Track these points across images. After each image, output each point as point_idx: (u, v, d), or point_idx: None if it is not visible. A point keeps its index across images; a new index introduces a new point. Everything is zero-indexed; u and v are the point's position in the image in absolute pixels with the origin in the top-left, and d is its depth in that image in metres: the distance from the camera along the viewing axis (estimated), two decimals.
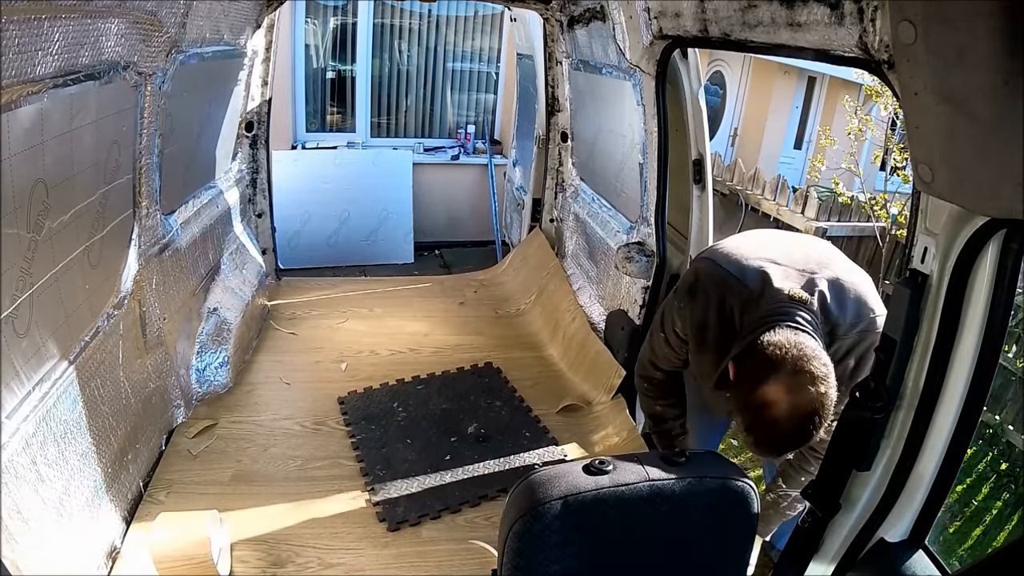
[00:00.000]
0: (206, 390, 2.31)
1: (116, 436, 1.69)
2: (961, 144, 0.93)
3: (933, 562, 1.30)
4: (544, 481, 0.91)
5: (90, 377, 1.55)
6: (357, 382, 2.62)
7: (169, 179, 2.05)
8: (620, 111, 2.57)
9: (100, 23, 1.42)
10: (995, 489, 3.31)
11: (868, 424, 1.30)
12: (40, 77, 1.22)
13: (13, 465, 1.22)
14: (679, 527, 0.96)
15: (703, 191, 2.30)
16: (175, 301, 2.13)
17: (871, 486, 1.36)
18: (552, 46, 3.39)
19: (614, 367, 2.53)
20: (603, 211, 2.93)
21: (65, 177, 1.40)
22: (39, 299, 1.33)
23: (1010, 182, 0.87)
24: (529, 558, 0.90)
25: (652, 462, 0.94)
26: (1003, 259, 1.13)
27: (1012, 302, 1.16)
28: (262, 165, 3.23)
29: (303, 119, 5.25)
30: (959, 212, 1.13)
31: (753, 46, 1.62)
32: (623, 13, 2.25)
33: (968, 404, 1.22)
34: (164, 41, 1.78)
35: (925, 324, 1.24)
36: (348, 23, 5.22)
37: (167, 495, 1.90)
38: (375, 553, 1.79)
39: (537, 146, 3.79)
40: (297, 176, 4.77)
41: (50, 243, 1.36)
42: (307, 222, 4.76)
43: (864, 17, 1.17)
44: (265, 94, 3.11)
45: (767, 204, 5.00)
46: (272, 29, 2.94)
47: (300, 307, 3.24)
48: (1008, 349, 3.24)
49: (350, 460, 2.16)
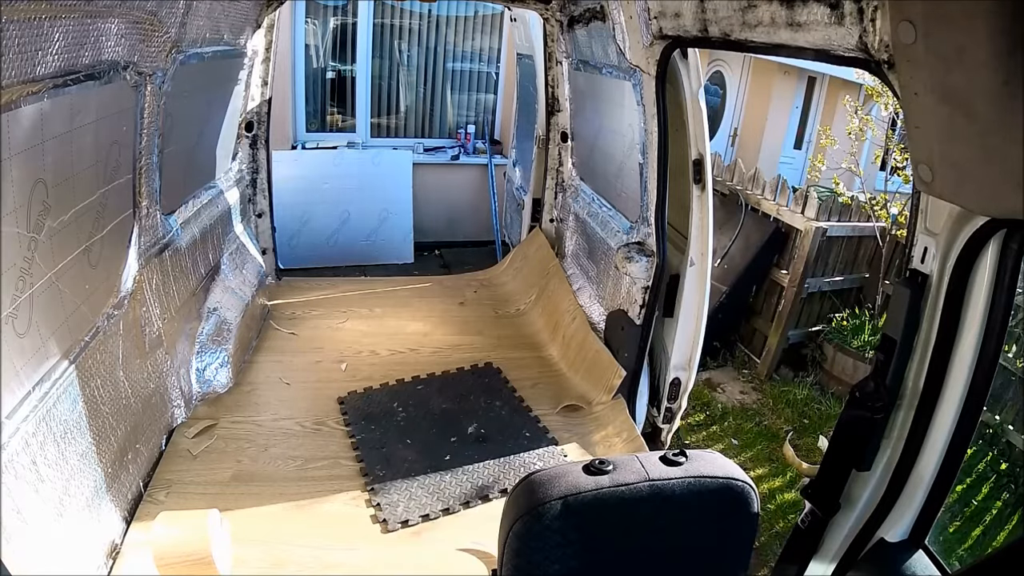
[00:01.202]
0: (206, 390, 2.31)
1: (116, 436, 1.69)
2: (961, 144, 0.93)
3: (933, 562, 1.30)
4: (544, 481, 0.90)
5: (90, 377, 1.54)
6: (357, 382, 2.63)
7: (169, 179, 2.05)
8: (620, 111, 2.56)
9: (100, 23, 1.42)
10: (995, 489, 3.30)
11: (868, 424, 1.30)
12: (40, 77, 1.22)
13: (13, 465, 1.22)
14: (679, 527, 0.96)
15: (703, 191, 2.30)
16: (175, 301, 2.12)
17: (871, 486, 1.36)
18: (552, 46, 3.39)
19: (614, 367, 2.53)
20: (603, 211, 2.93)
21: (65, 177, 1.40)
22: (39, 299, 1.33)
23: (1010, 182, 0.87)
24: (529, 558, 0.90)
25: (652, 462, 0.94)
26: (1003, 259, 1.13)
27: (1012, 302, 1.16)
28: (262, 165, 3.23)
29: (303, 119, 5.25)
30: (959, 212, 1.13)
31: (753, 46, 1.61)
32: (623, 13, 2.25)
33: (968, 404, 1.22)
34: (164, 41, 1.78)
35: (925, 324, 1.24)
36: (348, 23, 5.23)
37: (167, 495, 1.90)
38: (375, 553, 1.79)
39: (537, 146, 3.79)
40: (297, 176, 4.77)
41: (50, 243, 1.36)
42: (307, 222, 4.76)
43: (864, 17, 1.17)
44: (265, 94, 3.11)
45: (767, 204, 5.00)
46: (272, 29, 2.94)
47: (300, 307, 3.24)
48: (1008, 349, 3.24)
49: (350, 460, 2.16)
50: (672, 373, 2.55)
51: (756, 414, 4.43)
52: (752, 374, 4.92)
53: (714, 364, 4.96)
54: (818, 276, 4.83)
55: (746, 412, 4.45)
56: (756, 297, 5.10)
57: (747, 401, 4.59)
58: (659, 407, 2.64)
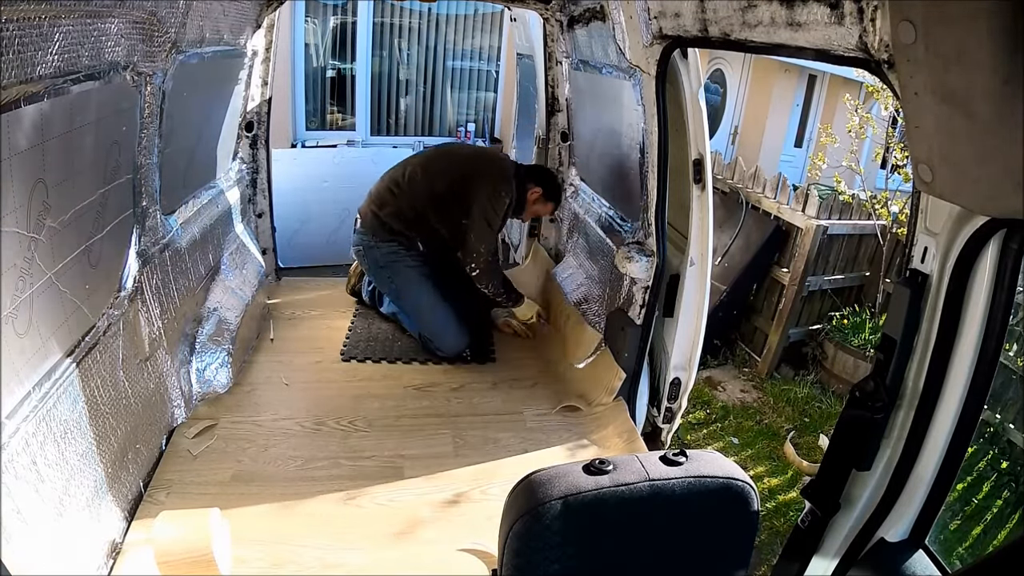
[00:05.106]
0: (206, 390, 2.31)
1: (116, 436, 1.69)
2: (961, 144, 0.93)
3: (933, 562, 1.30)
4: (544, 481, 0.91)
5: (90, 377, 1.55)
6: (357, 382, 2.63)
7: (169, 179, 2.05)
8: (620, 111, 2.56)
9: (100, 23, 1.42)
10: (996, 488, 3.30)
11: (868, 424, 1.30)
12: (40, 77, 1.22)
13: (13, 465, 1.22)
14: (679, 527, 0.96)
15: (703, 191, 2.30)
16: (175, 301, 2.13)
17: (871, 486, 1.36)
18: (552, 46, 3.38)
19: (614, 368, 2.53)
20: (603, 211, 2.93)
21: (65, 177, 1.40)
22: (39, 299, 1.33)
23: (1010, 182, 0.87)
24: (529, 558, 0.90)
25: (652, 462, 0.94)
26: (1003, 259, 1.13)
27: (1012, 302, 1.16)
28: (262, 165, 3.23)
29: (303, 118, 5.26)
30: (959, 212, 1.13)
31: (753, 46, 1.61)
32: (623, 13, 2.25)
33: (968, 404, 1.22)
34: (164, 41, 1.78)
35: (925, 324, 1.24)
36: (348, 22, 5.23)
37: (167, 495, 1.90)
38: (375, 553, 1.80)
39: (537, 146, 3.79)
40: (297, 175, 4.77)
41: (50, 243, 1.36)
42: (307, 221, 4.75)
43: (864, 17, 1.17)
44: (265, 94, 3.11)
45: (767, 202, 4.99)
46: (272, 29, 2.94)
47: (300, 307, 3.24)
48: (1009, 348, 3.23)
49: (350, 460, 2.16)
50: (672, 373, 2.55)
51: (756, 412, 4.43)
52: (753, 372, 4.92)
53: (715, 362, 4.97)
54: (819, 274, 4.84)
55: (746, 410, 4.45)
56: (757, 295, 5.10)
57: (747, 399, 4.59)
58: (659, 407, 2.64)
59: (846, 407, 1.34)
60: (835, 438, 1.39)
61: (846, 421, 1.35)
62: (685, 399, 2.63)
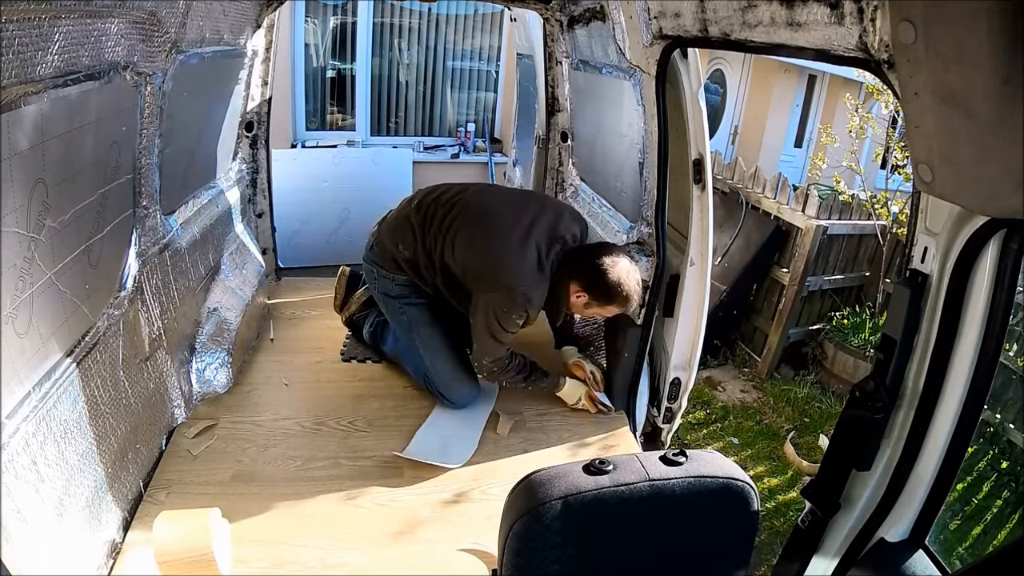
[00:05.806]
0: (206, 390, 2.31)
1: (116, 436, 1.69)
2: (961, 144, 0.93)
3: (933, 562, 1.30)
4: (544, 481, 0.91)
5: (90, 377, 1.55)
6: (357, 382, 2.63)
7: (169, 179, 2.04)
8: (620, 111, 2.56)
9: (100, 23, 1.42)
10: (996, 488, 3.31)
11: (868, 424, 1.31)
12: (40, 77, 1.22)
13: (13, 465, 1.22)
14: (679, 527, 0.96)
15: (703, 191, 2.30)
16: (175, 301, 2.12)
17: (871, 486, 1.36)
18: (552, 46, 3.38)
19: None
20: (603, 211, 2.93)
21: (65, 177, 1.40)
22: (39, 299, 1.33)
23: (1010, 182, 0.87)
24: (529, 558, 0.90)
25: (652, 462, 0.94)
26: (1003, 259, 1.13)
27: (1012, 302, 1.16)
28: (262, 165, 3.23)
29: (303, 118, 5.25)
30: (959, 212, 1.13)
31: (753, 46, 1.61)
32: (623, 13, 2.25)
33: (968, 404, 1.23)
34: (164, 41, 1.78)
35: (925, 324, 1.24)
36: (348, 22, 5.22)
37: (167, 495, 1.90)
38: (375, 553, 1.80)
39: (537, 146, 3.79)
40: (297, 175, 4.76)
41: (50, 243, 1.36)
42: (307, 221, 4.75)
43: (864, 17, 1.17)
44: (265, 94, 3.11)
45: (767, 202, 5.00)
46: (272, 29, 2.94)
47: (300, 307, 3.24)
48: (1009, 348, 3.23)
49: (350, 460, 2.16)
50: (672, 373, 2.55)
51: (756, 412, 4.43)
52: (753, 372, 4.92)
53: (715, 362, 4.97)
54: (819, 274, 4.84)
55: (746, 410, 4.45)
56: (757, 295, 5.10)
57: (747, 399, 4.59)
58: (659, 407, 2.64)
59: (846, 407, 1.34)
60: (835, 438, 1.39)
61: (846, 421, 1.35)
62: (685, 399, 2.63)
